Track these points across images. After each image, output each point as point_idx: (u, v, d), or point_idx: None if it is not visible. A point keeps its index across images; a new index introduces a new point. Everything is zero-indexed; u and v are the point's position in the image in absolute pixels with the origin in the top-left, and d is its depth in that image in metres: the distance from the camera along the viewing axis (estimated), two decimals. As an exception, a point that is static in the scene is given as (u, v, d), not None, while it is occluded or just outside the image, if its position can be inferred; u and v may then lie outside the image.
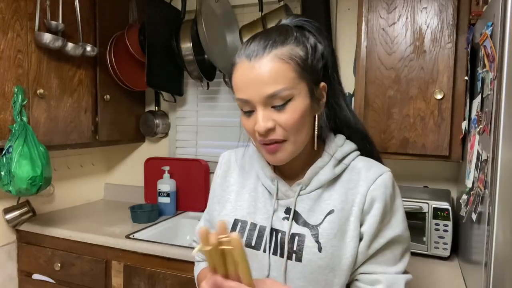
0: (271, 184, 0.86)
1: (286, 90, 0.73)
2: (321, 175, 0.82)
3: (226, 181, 0.95)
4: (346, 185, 0.81)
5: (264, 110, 0.74)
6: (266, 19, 1.81)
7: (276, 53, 0.74)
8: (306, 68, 0.76)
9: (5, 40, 1.58)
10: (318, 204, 0.81)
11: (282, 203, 0.84)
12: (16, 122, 1.61)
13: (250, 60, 0.75)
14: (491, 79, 1.01)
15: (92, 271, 1.76)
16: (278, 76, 0.73)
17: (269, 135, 0.75)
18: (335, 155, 0.83)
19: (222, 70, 1.99)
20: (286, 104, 0.74)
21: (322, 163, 0.83)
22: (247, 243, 0.84)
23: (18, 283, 1.93)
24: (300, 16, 0.84)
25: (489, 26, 1.05)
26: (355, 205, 0.79)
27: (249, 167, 0.94)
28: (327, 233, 0.78)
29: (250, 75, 0.74)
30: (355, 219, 0.79)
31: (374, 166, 0.83)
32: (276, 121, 0.74)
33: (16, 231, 1.93)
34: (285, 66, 0.73)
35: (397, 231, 0.80)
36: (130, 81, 2.08)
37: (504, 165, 0.92)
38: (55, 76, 1.80)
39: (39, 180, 1.61)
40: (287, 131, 0.75)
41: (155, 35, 1.95)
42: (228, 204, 0.91)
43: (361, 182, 0.80)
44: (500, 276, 0.93)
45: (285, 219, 0.83)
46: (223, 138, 2.23)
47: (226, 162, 0.98)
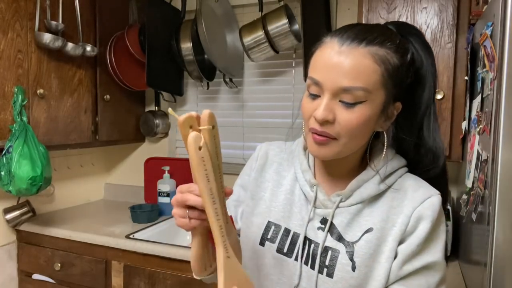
0: (310, 190, 0.80)
1: (363, 91, 0.67)
2: (364, 189, 0.76)
3: (261, 176, 0.88)
4: (389, 203, 0.75)
5: (331, 100, 0.69)
6: (266, 19, 1.81)
7: (371, 50, 0.68)
8: (393, 78, 0.70)
9: (5, 40, 1.58)
10: (356, 220, 0.76)
11: (318, 212, 0.78)
12: (16, 122, 1.61)
13: (342, 45, 0.69)
14: (491, 79, 1.01)
15: (92, 271, 1.76)
16: (363, 73, 0.67)
17: (324, 126, 0.69)
18: (382, 169, 0.76)
19: (222, 70, 1.99)
20: (356, 104, 0.68)
21: (366, 176, 0.77)
22: (279, 248, 0.80)
23: (18, 283, 1.93)
24: (410, 26, 0.77)
25: (489, 26, 1.05)
26: (396, 226, 0.73)
27: (287, 165, 0.87)
28: (363, 252, 0.73)
29: (334, 59, 0.68)
30: (393, 240, 0.73)
31: (423, 186, 0.76)
32: (337, 116, 0.69)
33: (16, 231, 1.93)
34: (374, 66, 0.68)
35: (436, 257, 0.73)
36: (130, 81, 2.08)
37: (504, 165, 0.92)
38: (55, 76, 1.80)
39: (39, 180, 1.61)
40: (344, 132, 0.70)
41: (155, 35, 1.95)
42: (262, 202, 0.85)
43: (406, 202, 0.74)
44: (500, 276, 0.93)
45: (320, 229, 0.77)
46: (223, 138, 2.22)
47: (263, 156, 0.90)
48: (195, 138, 0.57)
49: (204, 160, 0.58)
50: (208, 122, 0.59)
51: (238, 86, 2.14)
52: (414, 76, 0.74)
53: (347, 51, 0.68)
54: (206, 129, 0.59)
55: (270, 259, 0.80)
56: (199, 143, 0.57)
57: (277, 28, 1.79)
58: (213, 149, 0.60)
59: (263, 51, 1.85)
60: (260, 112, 2.13)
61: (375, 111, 0.70)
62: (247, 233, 0.85)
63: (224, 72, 2.01)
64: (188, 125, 0.58)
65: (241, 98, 2.16)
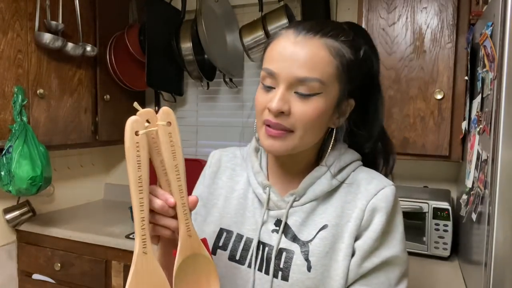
0: (262, 192, 0.77)
1: (318, 82, 0.66)
2: (317, 186, 0.74)
3: (214, 183, 0.86)
4: (343, 198, 0.74)
5: (286, 91, 0.67)
6: (266, 19, 1.81)
7: (327, 42, 0.68)
8: (347, 73, 0.70)
9: (5, 40, 1.58)
10: (311, 218, 0.73)
11: (272, 214, 0.76)
12: (16, 122, 1.61)
13: (297, 35, 0.68)
14: (491, 79, 1.01)
15: (92, 271, 1.76)
16: (318, 64, 0.67)
17: (278, 118, 0.68)
18: (334, 164, 0.75)
19: (222, 70, 1.99)
20: (311, 96, 0.67)
21: (319, 172, 0.75)
22: (231, 255, 0.76)
23: (18, 283, 1.93)
24: (361, 28, 0.77)
25: (489, 26, 1.05)
26: (351, 221, 0.71)
27: (241, 170, 0.85)
28: (319, 251, 0.70)
29: (289, 49, 0.67)
30: (349, 236, 0.70)
31: (376, 178, 0.74)
32: (292, 108, 0.68)
33: (16, 231, 1.93)
34: (329, 58, 0.67)
35: (394, 251, 0.70)
36: (130, 81, 2.08)
37: (504, 165, 0.92)
38: (55, 76, 1.80)
39: (39, 180, 1.61)
40: (299, 124, 0.68)
41: (155, 35, 1.94)
42: (214, 209, 0.83)
43: (359, 196, 0.72)
44: (500, 276, 0.93)
45: (275, 231, 0.74)
46: (223, 138, 2.23)
47: (216, 162, 0.88)
48: (133, 122, 0.56)
49: (139, 147, 0.55)
50: (163, 118, 0.58)
51: (238, 86, 2.14)
52: (366, 74, 0.74)
53: (302, 41, 0.67)
54: (161, 125, 0.58)
55: (222, 268, 0.75)
56: (137, 128, 0.56)
57: (277, 28, 1.79)
58: (167, 148, 0.58)
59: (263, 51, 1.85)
60: (260, 112, 2.12)
61: (329, 105, 0.69)
62: None
63: (224, 72, 2.01)
64: (145, 119, 0.58)
65: (241, 98, 2.16)
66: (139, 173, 0.56)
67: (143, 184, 0.56)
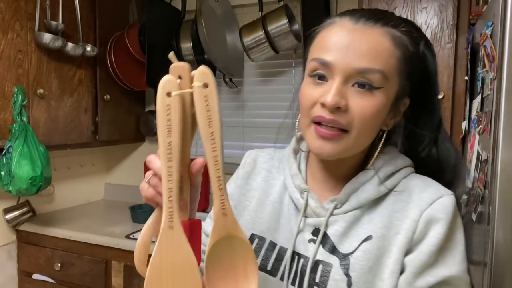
0: (300, 196, 0.69)
1: (381, 74, 0.58)
2: (361, 193, 0.65)
3: (247, 184, 0.78)
4: (392, 207, 0.64)
5: (342, 85, 0.59)
6: (266, 19, 1.81)
7: (389, 31, 0.60)
8: (407, 67, 0.62)
9: (5, 40, 1.58)
10: (354, 228, 0.64)
11: (310, 222, 0.67)
12: (16, 122, 1.61)
13: (356, 23, 0.60)
14: (491, 79, 1.01)
15: (92, 271, 1.76)
16: (381, 54, 0.59)
17: (334, 114, 0.59)
18: (382, 169, 0.66)
19: (222, 70, 1.99)
20: (372, 90, 0.59)
21: (365, 177, 0.66)
22: (262, 266, 0.69)
23: (18, 283, 1.93)
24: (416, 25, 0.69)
25: (489, 26, 1.05)
26: (400, 233, 0.61)
27: (277, 173, 0.77)
28: (361, 265, 0.61)
29: (348, 37, 0.59)
30: (398, 250, 0.60)
31: (431, 186, 0.64)
32: (350, 104, 0.59)
33: (16, 231, 1.93)
34: (392, 49, 0.60)
35: (453, 271, 0.59)
36: (130, 81, 2.08)
37: (504, 165, 0.92)
38: (55, 76, 1.80)
39: (39, 180, 1.61)
40: (356, 122, 0.59)
41: (155, 35, 1.94)
42: (246, 212, 0.76)
43: (411, 205, 0.62)
44: (500, 276, 0.93)
45: (312, 242, 0.66)
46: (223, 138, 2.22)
47: (251, 162, 0.80)
48: (166, 82, 0.50)
49: (170, 110, 0.50)
50: (199, 79, 0.51)
51: (238, 86, 2.13)
52: (424, 71, 0.65)
53: (362, 29, 0.60)
54: (196, 86, 0.51)
55: None
56: (169, 88, 0.50)
57: (277, 28, 1.79)
58: (202, 113, 0.51)
59: (263, 51, 1.85)
60: (260, 112, 2.13)
61: (388, 102, 0.61)
62: None
63: (224, 72, 2.01)
64: (177, 74, 0.52)
65: (241, 98, 2.16)
66: (169, 139, 0.50)
67: (172, 151, 0.50)
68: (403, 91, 0.63)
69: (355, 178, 0.67)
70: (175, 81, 0.51)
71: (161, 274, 0.51)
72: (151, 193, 0.56)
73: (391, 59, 0.60)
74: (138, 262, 0.61)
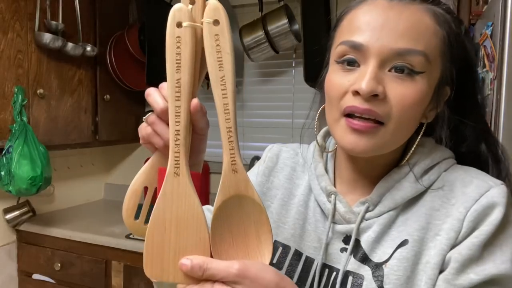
0: (326, 200, 0.61)
1: (424, 57, 0.50)
2: (397, 191, 0.56)
3: (268, 182, 0.70)
4: (430, 205, 0.55)
5: (378, 69, 0.51)
6: (266, 19, 1.81)
7: (431, 8, 0.53)
8: (451, 49, 0.54)
9: (5, 40, 1.58)
10: (387, 233, 0.56)
11: (339, 229, 0.59)
12: (16, 122, 1.61)
13: (390, 0, 0.52)
14: (491, 79, 1.01)
15: (92, 271, 1.76)
16: (423, 34, 0.51)
17: (370, 103, 0.51)
18: (418, 164, 0.57)
19: (222, 70, 1.99)
20: (414, 75, 0.51)
21: (399, 174, 0.57)
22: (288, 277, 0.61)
23: (18, 283, 1.93)
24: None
25: (489, 26, 1.05)
26: (441, 234, 0.53)
27: (302, 172, 0.69)
28: (396, 276, 0.52)
29: (383, 16, 0.51)
30: (437, 253, 0.52)
31: (476, 178, 0.55)
32: (388, 91, 0.51)
33: (16, 231, 1.93)
34: (435, 27, 0.52)
35: (502, 269, 0.50)
36: (130, 81, 2.08)
37: (504, 165, 0.92)
38: (55, 76, 1.80)
39: (39, 180, 1.61)
40: (396, 112, 0.51)
41: (155, 35, 1.94)
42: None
43: (454, 201, 0.53)
44: (500, 276, 0.93)
45: (344, 251, 0.58)
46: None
47: (272, 158, 0.71)
48: (176, 11, 0.44)
49: (181, 43, 0.44)
50: (209, 15, 0.45)
51: (238, 86, 2.13)
52: (465, 58, 0.57)
53: (399, 6, 0.52)
54: (206, 23, 0.45)
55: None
56: (179, 18, 0.44)
57: (277, 28, 1.79)
58: (212, 53, 0.45)
59: (263, 51, 1.85)
60: (260, 112, 2.13)
61: (430, 90, 0.53)
62: None
63: (224, 72, 2.01)
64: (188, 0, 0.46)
65: (241, 98, 2.16)
66: (178, 75, 0.45)
67: (181, 89, 0.45)
68: (445, 77, 0.55)
69: (387, 175, 0.58)
70: (187, 10, 0.45)
71: (164, 226, 0.46)
72: (147, 132, 0.51)
73: (434, 39, 0.52)
74: (125, 213, 0.55)
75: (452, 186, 0.55)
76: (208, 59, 0.45)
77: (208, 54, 0.45)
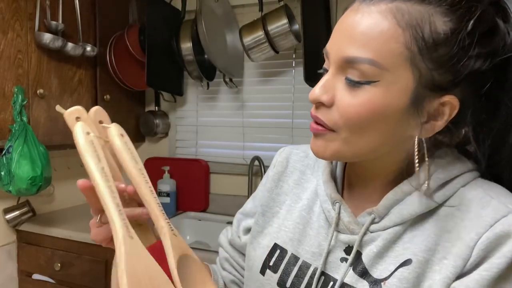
0: (331, 208, 0.59)
1: (372, 65, 0.47)
2: (405, 206, 0.52)
3: (278, 187, 0.68)
4: (442, 224, 0.51)
5: (335, 77, 0.50)
6: (266, 19, 1.81)
7: (400, 7, 0.47)
8: (432, 53, 0.46)
9: (5, 40, 1.58)
10: (391, 248, 0.53)
11: (342, 239, 0.57)
12: (16, 122, 1.61)
13: (361, 2, 0.50)
14: None
15: (92, 271, 1.76)
16: (375, 39, 0.47)
17: (318, 111, 0.51)
18: (433, 177, 0.52)
19: (222, 70, 1.99)
20: (361, 85, 0.48)
21: (409, 187, 0.53)
22: (281, 281, 0.60)
23: (18, 283, 1.92)
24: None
25: None
26: (448, 258, 0.48)
27: (311, 175, 0.67)
28: None
29: (347, 21, 0.50)
30: (442, 280, 0.48)
31: (497, 198, 0.49)
32: (337, 100, 0.50)
33: (16, 231, 1.93)
34: (395, 31, 0.46)
35: None
36: (130, 81, 2.08)
37: (504, 165, 0.92)
38: (55, 76, 1.80)
39: (39, 180, 1.60)
40: (341, 122, 0.50)
41: (155, 35, 1.94)
42: (275, 220, 0.66)
43: (467, 223, 0.49)
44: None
45: (344, 261, 0.56)
46: (223, 138, 2.23)
47: (282, 161, 0.70)
48: (82, 126, 0.53)
49: (95, 144, 0.51)
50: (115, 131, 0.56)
51: (238, 86, 2.13)
52: (492, 56, 0.48)
53: (365, 8, 0.48)
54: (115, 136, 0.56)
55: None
56: (87, 129, 0.53)
57: (277, 28, 1.79)
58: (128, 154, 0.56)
59: (263, 51, 1.85)
60: (260, 112, 2.13)
61: (394, 101, 0.48)
62: (252, 257, 0.66)
63: (224, 72, 2.01)
64: (75, 116, 0.57)
65: (241, 98, 2.16)
66: (101, 164, 0.50)
67: (107, 174, 0.50)
68: (427, 86, 0.48)
69: (397, 187, 0.54)
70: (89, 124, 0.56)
71: (139, 282, 0.45)
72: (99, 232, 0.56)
73: (391, 44, 0.47)
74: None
75: (468, 205, 0.50)
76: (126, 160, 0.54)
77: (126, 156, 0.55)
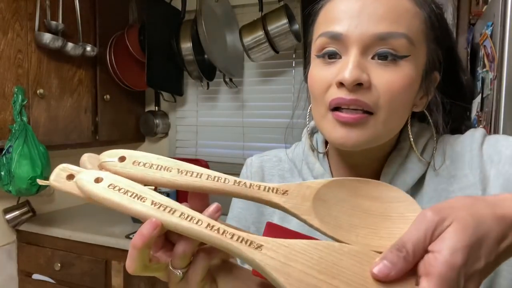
0: None
1: (406, 39, 0.48)
2: (404, 174, 0.54)
3: None
4: (438, 180, 0.54)
5: (361, 57, 0.48)
6: (266, 19, 1.81)
7: None
8: (435, 31, 0.52)
9: (5, 40, 1.58)
10: None
11: None
12: (16, 122, 1.61)
13: None
14: (491, 79, 1.01)
15: (92, 271, 1.76)
16: (403, 16, 0.48)
17: (356, 93, 0.48)
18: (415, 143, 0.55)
19: (222, 70, 1.99)
20: (398, 60, 0.48)
21: (400, 157, 0.55)
22: None
23: (18, 283, 1.92)
24: None
25: (489, 26, 1.05)
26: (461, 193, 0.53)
27: (291, 177, 0.65)
28: None
29: (359, 2, 0.49)
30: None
31: (464, 136, 0.57)
32: (373, 79, 0.48)
33: (16, 231, 1.93)
34: (415, 9, 0.50)
35: None
36: (130, 81, 2.08)
37: (504, 165, 0.92)
38: (55, 76, 1.80)
39: (39, 180, 1.61)
40: (384, 100, 0.48)
41: (155, 35, 1.95)
42: None
43: (460, 164, 0.53)
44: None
45: None
46: (223, 138, 2.23)
47: (257, 171, 0.67)
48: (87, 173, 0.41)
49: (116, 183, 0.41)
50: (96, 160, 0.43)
51: (238, 86, 2.13)
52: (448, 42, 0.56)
53: None
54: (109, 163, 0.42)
55: None
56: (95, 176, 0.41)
57: (277, 28, 1.79)
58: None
59: (263, 51, 1.85)
60: (260, 112, 2.13)
61: (418, 74, 0.50)
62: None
63: (224, 72, 2.01)
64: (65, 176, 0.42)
65: (241, 98, 2.16)
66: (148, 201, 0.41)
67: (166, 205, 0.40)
68: (432, 62, 0.53)
69: (389, 161, 0.55)
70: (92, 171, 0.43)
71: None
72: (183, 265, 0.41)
73: (415, 21, 0.49)
74: None
75: (452, 156, 0.55)
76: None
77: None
